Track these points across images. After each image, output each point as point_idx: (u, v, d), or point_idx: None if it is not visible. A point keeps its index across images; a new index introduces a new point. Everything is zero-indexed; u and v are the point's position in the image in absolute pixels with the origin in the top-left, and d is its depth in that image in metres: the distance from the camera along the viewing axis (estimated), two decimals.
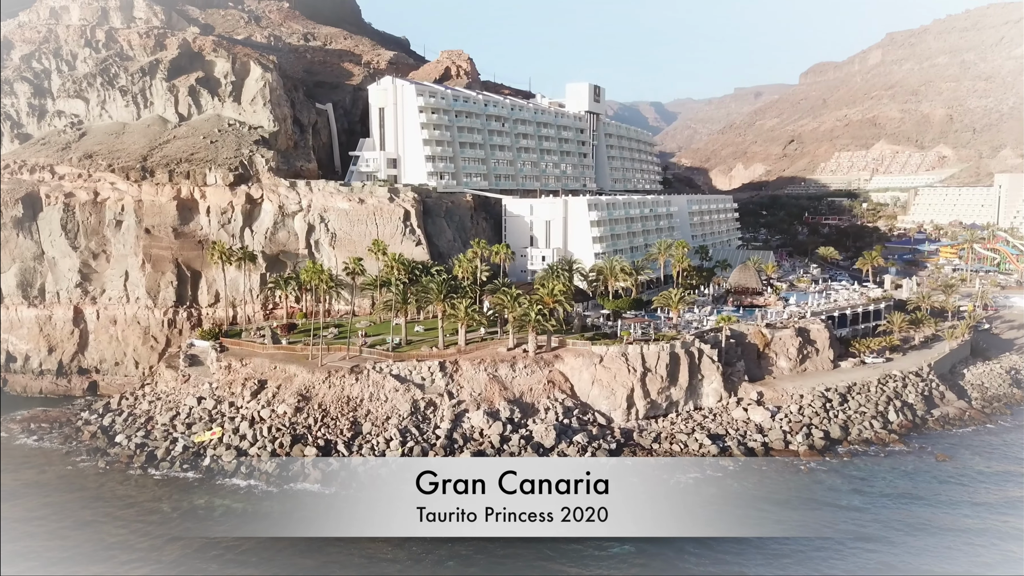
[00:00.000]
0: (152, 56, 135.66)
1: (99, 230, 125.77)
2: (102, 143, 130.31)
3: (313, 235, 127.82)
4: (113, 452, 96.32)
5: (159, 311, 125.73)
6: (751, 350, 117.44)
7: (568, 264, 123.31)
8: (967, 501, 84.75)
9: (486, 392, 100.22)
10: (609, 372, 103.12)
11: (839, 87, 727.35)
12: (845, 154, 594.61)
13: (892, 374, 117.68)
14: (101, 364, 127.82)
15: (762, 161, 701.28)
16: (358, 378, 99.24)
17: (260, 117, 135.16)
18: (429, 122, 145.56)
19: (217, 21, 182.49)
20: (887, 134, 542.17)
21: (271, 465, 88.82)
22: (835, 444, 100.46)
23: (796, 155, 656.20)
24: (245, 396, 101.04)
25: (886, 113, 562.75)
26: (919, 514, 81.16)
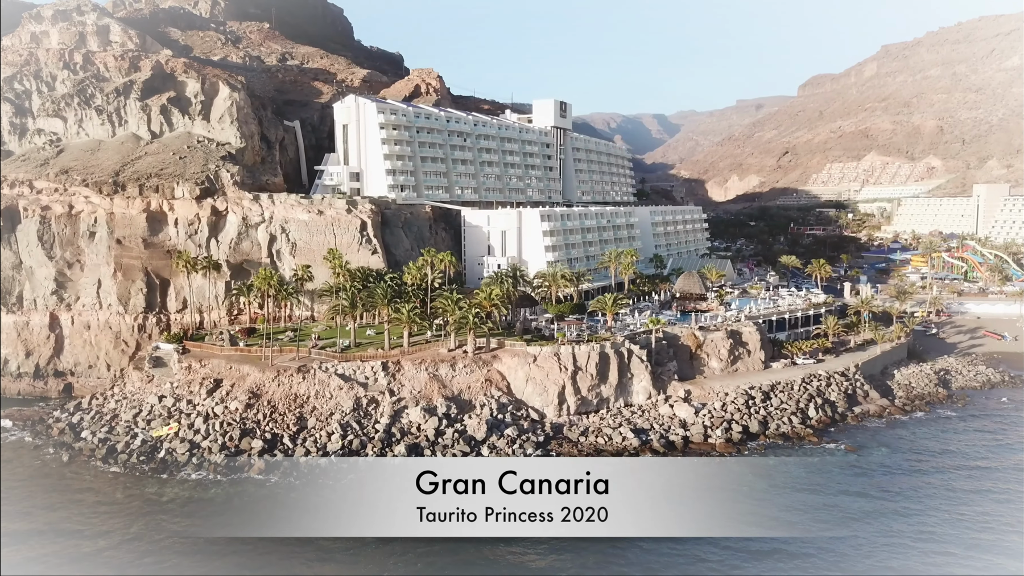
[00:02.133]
0: (127, 77, 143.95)
1: (74, 241, 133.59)
2: (78, 159, 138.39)
3: (275, 245, 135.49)
4: (77, 446, 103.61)
5: (130, 317, 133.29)
6: (684, 351, 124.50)
7: (513, 271, 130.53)
8: (862, 489, 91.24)
9: (426, 390, 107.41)
10: (542, 371, 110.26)
11: (835, 99, 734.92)
12: (837, 165, 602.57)
13: (817, 374, 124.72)
14: (76, 367, 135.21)
15: (757, 172, 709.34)
16: (305, 377, 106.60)
17: (228, 134, 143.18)
18: (390, 138, 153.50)
19: (196, 42, 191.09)
20: (879, 145, 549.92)
21: (220, 457, 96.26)
22: (752, 438, 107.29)
23: (790, 166, 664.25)
24: (202, 394, 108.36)
25: (878, 125, 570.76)
26: (810, 501, 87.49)
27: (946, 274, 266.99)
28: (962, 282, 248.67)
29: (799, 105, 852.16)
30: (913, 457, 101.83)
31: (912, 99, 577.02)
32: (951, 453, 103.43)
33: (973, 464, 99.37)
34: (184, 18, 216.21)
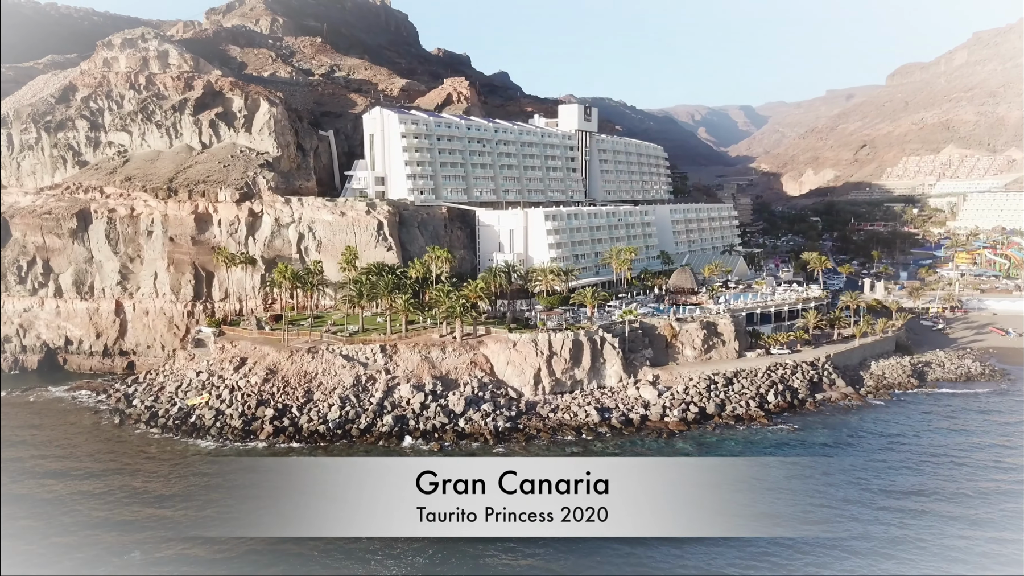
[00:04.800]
0: (182, 95, 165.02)
1: (135, 239, 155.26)
2: (140, 168, 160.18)
3: (303, 242, 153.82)
4: (128, 412, 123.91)
5: (180, 304, 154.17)
6: (660, 340, 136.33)
7: (507, 267, 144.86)
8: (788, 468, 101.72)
9: (417, 370, 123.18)
10: (521, 355, 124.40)
11: (923, 89, 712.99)
12: (913, 159, 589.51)
13: (784, 363, 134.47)
14: (137, 347, 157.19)
15: (832, 166, 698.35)
16: (314, 357, 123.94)
17: (266, 144, 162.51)
18: (410, 146, 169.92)
19: (251, 59, 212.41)
20: (959, 137, 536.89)
21: (238, 422, 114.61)
22: (708, 419, 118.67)
23: (866, 160, 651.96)
24: (230, 370, 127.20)
25: (961, 116, 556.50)
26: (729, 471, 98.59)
27: (985, 271, 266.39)
28: (1000, 279, 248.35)
29: (886, 95, 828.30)
30: (849, 438, 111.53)
31: (999, 88, 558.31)
32: (880, 435, 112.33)
33: (897, 447, 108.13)
34: (244, 35, 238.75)
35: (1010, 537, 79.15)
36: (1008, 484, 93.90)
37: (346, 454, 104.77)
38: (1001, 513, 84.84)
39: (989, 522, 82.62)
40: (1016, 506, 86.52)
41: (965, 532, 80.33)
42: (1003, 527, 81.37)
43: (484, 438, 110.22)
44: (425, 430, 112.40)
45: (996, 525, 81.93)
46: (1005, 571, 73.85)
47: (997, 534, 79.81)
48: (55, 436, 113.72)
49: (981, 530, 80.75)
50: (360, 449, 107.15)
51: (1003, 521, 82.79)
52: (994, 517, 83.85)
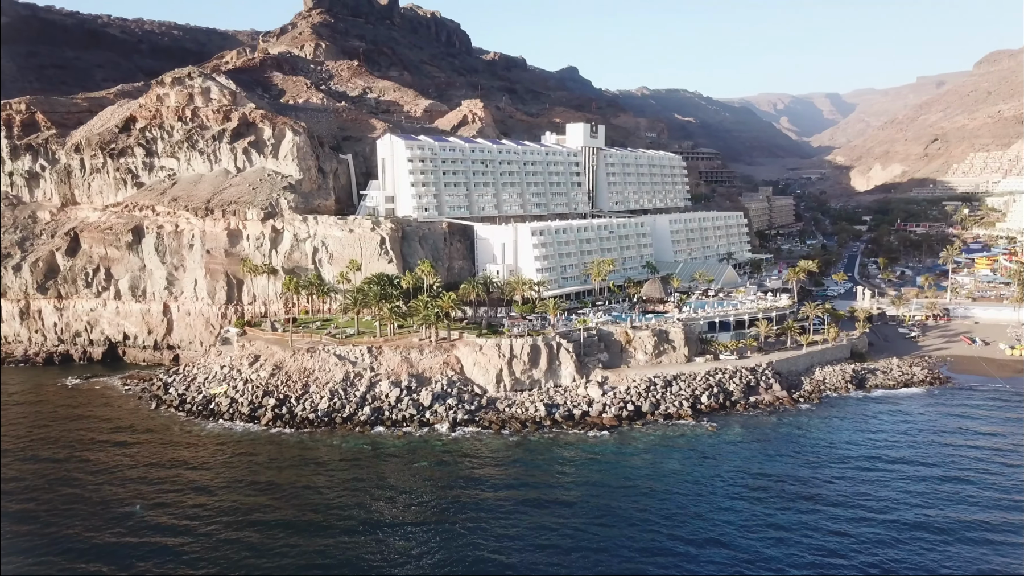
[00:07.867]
0: (221, 126, 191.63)
1: (178, 251, 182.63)
2: (184, 189, 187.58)
3: (318, 255, 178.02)
4: (164, 398, 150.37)
5: (215, 307, 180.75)
6: (616, 345, 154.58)
7: (484, 278, 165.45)
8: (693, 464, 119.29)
9: (397, 368, 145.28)
10: (486, 357, 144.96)
11: (1008, 78, 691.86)
12: (981, 154, 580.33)
13: (724, 368, 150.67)
14: (181, 343, 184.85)
15: (901, 161, 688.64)
16: (312, 356, 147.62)
17: (290, 168, 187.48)
18: (415, 168, 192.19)
19: (288, 86, 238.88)
20: None
21: (246, 408, 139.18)
22: (641, 416, 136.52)
23: (935, 155, 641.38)
24: (246, 365, 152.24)
25: None
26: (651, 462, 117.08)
27: (997, 277, 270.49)
28: (1010, 286, 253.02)
29: (971, 84, 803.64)
30: (760, 436, 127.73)
31: None
32: (782, 437, 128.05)
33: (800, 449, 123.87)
34: (288, 62, 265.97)
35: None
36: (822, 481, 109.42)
37: (327, 439, 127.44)
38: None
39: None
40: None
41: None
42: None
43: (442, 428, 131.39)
44: (395, 420, 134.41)
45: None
46: (1005, 571, 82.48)
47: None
48: (106, 413, 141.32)
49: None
50: (338, 435, 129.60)
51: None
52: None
